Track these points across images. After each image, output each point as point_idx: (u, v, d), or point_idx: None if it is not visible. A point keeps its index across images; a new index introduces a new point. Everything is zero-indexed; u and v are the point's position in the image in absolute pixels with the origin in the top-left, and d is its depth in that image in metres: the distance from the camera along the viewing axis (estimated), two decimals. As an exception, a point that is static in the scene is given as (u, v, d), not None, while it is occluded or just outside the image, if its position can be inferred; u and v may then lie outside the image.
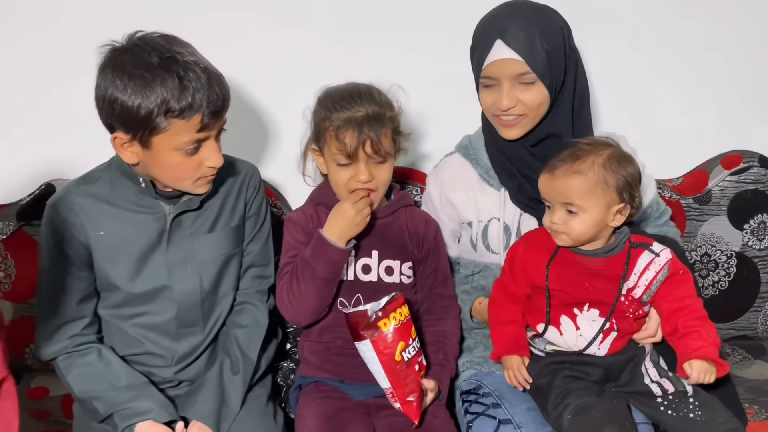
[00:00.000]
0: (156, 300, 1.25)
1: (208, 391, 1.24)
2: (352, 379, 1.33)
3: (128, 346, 1.26)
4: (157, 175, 1.18)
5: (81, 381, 1.19)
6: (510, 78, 1.28)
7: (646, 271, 1.22)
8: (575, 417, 1.17)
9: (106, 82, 1.10)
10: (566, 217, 1.20)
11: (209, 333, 1.30)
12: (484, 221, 1.41)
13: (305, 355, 1.40)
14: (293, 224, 1.37)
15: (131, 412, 1.16)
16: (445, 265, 1.44)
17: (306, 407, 1.31)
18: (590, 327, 1.24)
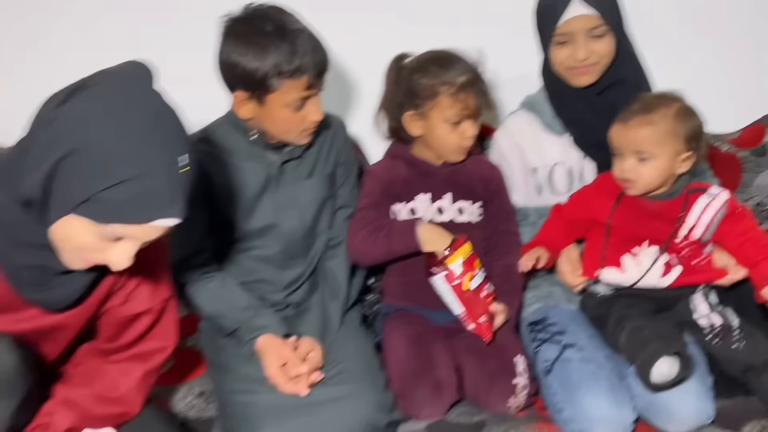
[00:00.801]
0: (265, 236, 1.45)
1: (313, 313, 1.45)
2: (431, 307, 1.51)
3: (243, 275, 1.46)
4: (267, 128, 1.36)
5: (208, 303, 1.40)
6: (584, 32, 1.42)
7: (704, 213, 1.36)
8: (630, 336, 1.33)
9: (228, 48, 1.29)
10: (637, 164, 1.33)
11: (309, 264, 1.50)
12: (549, 166, 1.56)
13: (390, 288, 1.59)
14: (373, 176, 1.56)
15: (253, 326, 1.37)
16: (508, 205, 1.60)
17: (393, 331, 1.50)
18: (650, 261, 1.39)
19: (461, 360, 1.46)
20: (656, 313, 1.42)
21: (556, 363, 1.43)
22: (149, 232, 0.92)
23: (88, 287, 1.05)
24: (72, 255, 0.95)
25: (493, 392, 1.38)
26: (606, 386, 1.34)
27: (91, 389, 1.11)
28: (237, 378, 1.35)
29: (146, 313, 1.14)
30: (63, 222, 0.90)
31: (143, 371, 1.16)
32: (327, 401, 1.30)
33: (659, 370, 1.25)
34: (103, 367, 1.14)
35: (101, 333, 1.15)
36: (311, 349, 1.38)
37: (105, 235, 0.90)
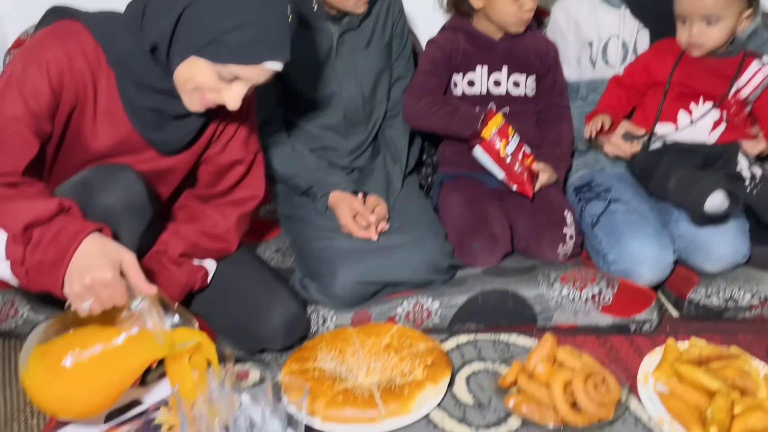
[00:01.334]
0: (329, 105, 1.57)
1: (377, 174, 1.59)
2: (486, 171, 1.63)
3: (310, 143, 1.60)
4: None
5: (283, 165, 1.55)
6: None
7: (755, 76, 1.46)
8: (679, 181, 1.45)
9: None
10: (705, 28, 1.41)
11: (371, 132, 1.63)
12: (603, 39, 1.63)
13: (446, 157, 1.71)
14: (435, 45, 1.65)
15: (325, 184, 1.52)
16: (561, 80, 1.70)
17: (450, 194, 1.64)
18: (702, 117, 1.48)
19: (513, 217, 1.59)
20: (701, 167, 1.52)
21: (602, 216, 1.56)
22: (260, 74, 1.08)
23: (196, 133, 1.20)
24: (192, 96, 1.10)
25: (544, 241, 1.52)
26: (649, 231, 1.48)
27: (196, 226, 1.28)
28: (314, 228, 1.51)
29: (239, 163, 1.29)
30: (187, 63, 1.06)
31: (238, 214, 1.32)
32: (395, 246, 1.46)
33: (713, 201, 1.37)
34: (204, 209, 1.30)
35: (201, 180, 1.31)
36: (378, 204, 1.52)
37: (223, 75, 1.06)
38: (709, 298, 1.44)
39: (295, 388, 1.06)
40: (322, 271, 1.42)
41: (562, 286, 1.43)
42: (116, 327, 1.01)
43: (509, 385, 1.22)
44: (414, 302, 1.43)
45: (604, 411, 1.13)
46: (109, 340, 1.01)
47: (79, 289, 0.94)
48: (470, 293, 1.43)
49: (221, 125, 1.25)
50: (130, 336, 1.01)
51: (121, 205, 1.08)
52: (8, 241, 0.97)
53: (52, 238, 0.96)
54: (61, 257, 0.95)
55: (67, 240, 0.95)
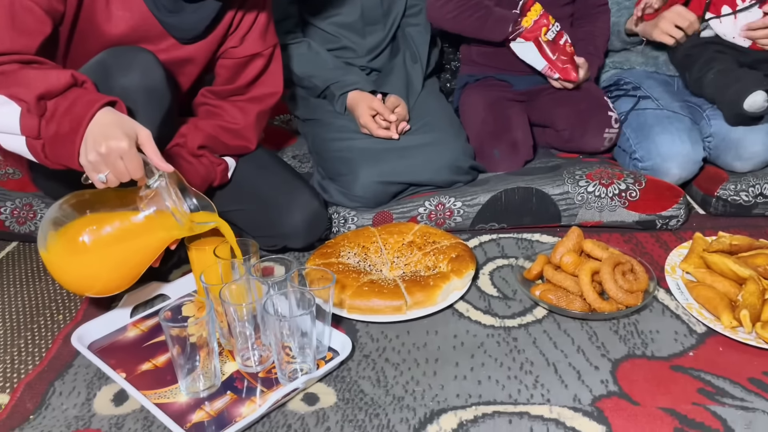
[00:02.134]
0: (345, 2, 1.50)
1: (397, 73, 1.53)
2: (515, 71, 1.59)
3: (327, 43, 1.54)
4: None
5: (299, 65, 1.50)
6: None
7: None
8: (718, 75, 1.40)
9: None
10: None
11: (389, 30, 1.56)
12: None
13: (473, 58, 1.64)
14: None
15: (344, 83, 1.47)
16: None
17: (473, 95, 1.59)
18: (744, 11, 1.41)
19: (550, 111, 1.55)
20: (742, 66, 1.46)
21: (631, 113, 1.52)
22: None
23: (212, 21, 1.15)
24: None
25: (591, 125, 1.48)
26: (680, 126, 1.43)
27: (215, 121, 1.25)
28: (333, 129, 1.48)
29: (258, 57, 1.25)
30: None
31: (258, 110, 1.28)
32: (416, 146, 1.42)
33: (753, 100, 1.33)
34: (222, 104, 1.27)
35: (219, 76, 1.27)
36: (398, 104, 1.48)
37: None
38: (738, 194, 1.41)
39: (321, 277, 1.05)
40: (343, 171, 1.40)
41: (588, 183, 1.40)
42: (133, 206, 1.00)
43: (534, 277, 1.21)
44: (436, 202, 1.40)
45: (633, 299, 1.11)
46: (127, 218, 1.00)
47: (95, 158, 0.92)
48: (493, 191, 1.41)
49: (238, 15, 1.20)
50: (148, 215, 1.00)
51: (139, 86, 1.05)
52: (22, 114, 0.94)
53: (66, 109, 0.93)
54: (76, 127, 0.92)
55: (82, 109, 0.93)
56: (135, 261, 1.03)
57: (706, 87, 1.43)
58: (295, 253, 1.34)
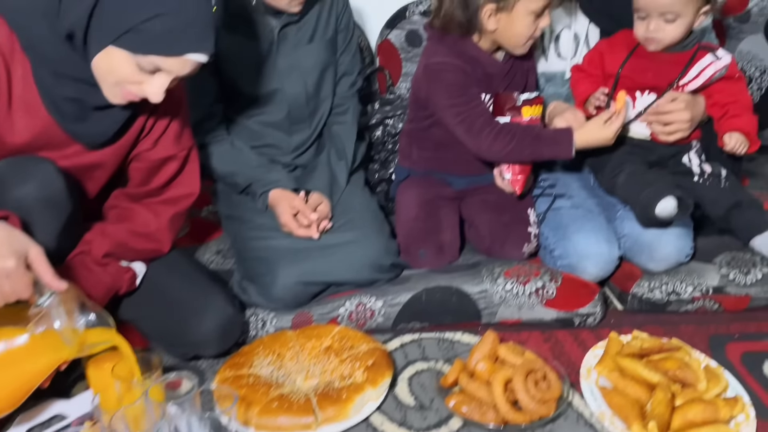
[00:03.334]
0: (271, 102, 1.51)
1: (321, 171, 1.54)
2: (457, 173, 1.60)
3: (252, 140, 1.54)
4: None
5: (221, 164, 1.49)
6: None
7: (706, 69, 1.44)
8: (629, 178, 1.45)
9: None
10: (663, 25, 1.39)
11: (315, 128, 1.58)
12: (556, 31, 1.60)
13: (414, 158, 1.62)
14: (450, 66, 1.44)
15: (265, 181, 1.47)
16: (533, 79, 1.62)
17: (410, 189, 1.59)
18: (644, 106, 1.48)
19: (475, 215, 1.57)
20: (653, 164, 1.53)
21: (548, 213, 1.55)
22: (182, 66, 1.02)
23: (121, 127, 1.14)
24: (112, 88, 1.04)
25: (509, 240, 1.50)
26: (595, 226, 1.47)
27: (125, 225, 1.22)
28: (253, 227, 1.46)
29: (172, 159, 1.24)
30: (104, 54, 0.99)
31: (172, 213, 1.26)
32: (337, 244, 1.42)
33: (664, 206, 1.36)
34: (135, 208, 1.24)
35: (132, 178, 1.25)
36: (320, 201, 1.48)
37: (143, 66, 1.00)
38: (652, 291, 1.44)
39: (226, 396, 1.01)
40: (262, 271, 1.38)
41: (506, 280, 1.41)
42: (22, 325, 0.95)
43: (451, 385, 1.20)
44: (357, 302, 1.39)
45: (545, 408, 1.11)
46: (12, 338, 0.94)
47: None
48: (414, 291, 1.41)
49: (151, 119, 1.19)
50: (35, 335, 0.95)
51: (36, 198, 1.02)
52: None
53: None
54: None
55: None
56: (17, 385, 0.97)
57: (618, 189, 1.48)
58: (209, 360, 1.29)
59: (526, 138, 1.42)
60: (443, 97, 1.45)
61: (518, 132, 1.42)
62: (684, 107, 1.45)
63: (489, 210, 1.56)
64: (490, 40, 1.46)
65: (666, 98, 1.46)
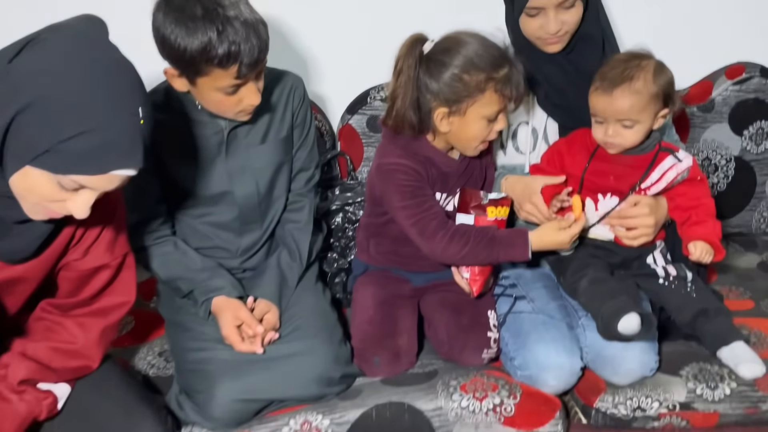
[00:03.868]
0: (220, 203, 1.44)
1: (270, 274, 1.46)
2: (414, 269, 1.53)
3: (199, 241, 1.47)
4: (203, 104, 1.33)
5: (164, 267, 1.42)
6: (554, 5, 1.39)
7: (667, 173, 1.41)
8: (591, 285, 1.39)
9: (158, 21, 1.20)
10: (621, 130, 1.35)
11: (267, 229, 1.51)
12: (513, 125, 1.57)
13: (371, 252, 1.56)
14: (402, 168, 1.39)
15: (208, 288, 1.39)
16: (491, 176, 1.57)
17: (367, 286, 1.52)
18: (606, 210, 1.43)
19: (433, 315, 1.50)
20: (617, 268, 1.48)
21: (509, 315, 1.48)
22: (107, 182, 0.95)
23: (46, 238, 1.07)
24: (33, 206, 0.97)
25: (468, 346, 1.43)
26: (556, 335, 1.40)
27: (49, 342, 1.13)
28: (194, 336, 1.38)
29: (105, 268, 1.16)
30: (22, 173, 0.92)
31: (102, 326, 1.18)
32: (283, 357, 1.34)
33: (626, 323, 1.30)
34: (62, 321, 1.16)
35: (61, 288, 1.17)
36: (267, 310, 1.40)
37: (64, 185, 0.93)
38: (617, 407, 1.36)
39: None
40: (199, 387, 1.29)
41: (462, 396, 1.33)
42: None
43: None
44: (302, 420, 1.30)
45: None
46: None
47: None
48: (363, 407, 1.32)
49: (81, 228, 1.12)
50: None
51: None
52: None
53: None
54: None
55: None
56: None
57: (580, 296, 1.42)
58: (136, 491, 1.18)
59: (482, 241, 1.37)
60: (396, 199, 1.41)
61: (473, 235, 1.37)
62: (648, 212, 1.41)
63: (448, 310, 1.49)
64: (444, 140, 1.43)
65: (628, 202, 1.42)
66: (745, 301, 1.62)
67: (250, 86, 1.27)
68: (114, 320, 1.21)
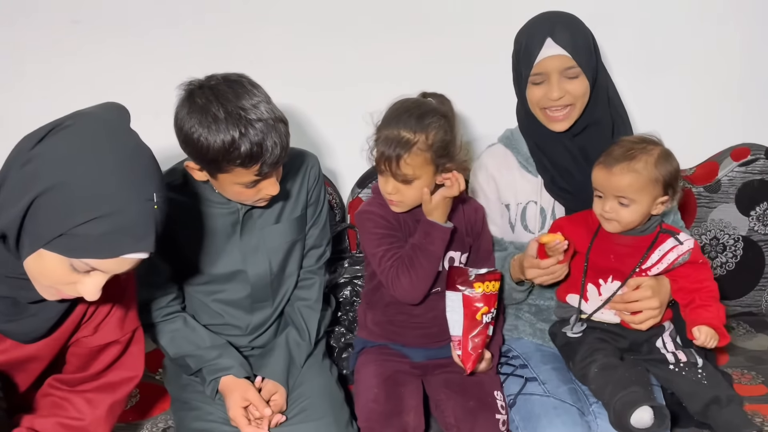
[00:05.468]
0: (233, 281, 1.45)
1: (278, 353, 1.45)
2: (412, 345, 1.53)
3: (210, 318, 1.47)
4: (221, 193, 1.36)
5: (172, 343, 1.41)
6: (558, 72, 1.45)
7: (668, 254, 1.42)
8: (601, 371, 1.37)
9: (181, 118, 1.23)
10: (618, 207, 1.38)
11: (277, 307, 1.51)
12: (522, 203, 1.59)
13: (368, 324, 1.57)
14: (373, 215, 1.46)
15: (216, 367, 1.38)
16: (488, 244, 1.59)
17: (368, 365, 1.51)
18: (609, 294, 1.43)
19: (439, 395, 1.47)
20: (626, 351, 1.46)
21: (519, 396, 1.47)
22: (120, 265, 0.97)
23: (59, 317, 1.07)
24: (45, 288, 0.99)
25: (478, 427, 1.40)
26: (567, 420, 1.37)
27: (57, 418, 1.13)
28: (200, 416, 1.36)
29: (114, 344, 1.17)
30: (37, 255, 0.94)
31: (110, 402, 1.18)
32: (289, 441, 1.31)
33: (639, 416, 1.28)
34: (69, 397, 1.16)
35: (69, 363, 1.17)
36: (275, 391, 1.39)
37: (76, 267, 0.95)
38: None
39: None
40: (203, 473, 1.26)
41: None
42: None
43: None
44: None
45: None
46: None
47: None
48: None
49: (92, 306, 1.13)
50: None
51: None
52: None
53: None
54: None
55: None
56: None
57: (591, 382, 1.40)
58: None
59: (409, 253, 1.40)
60: (368, 246, 1.46)
61: (404, 255, 1.41)
62: (650, 294, 1.41)
63: (454, 392, 1.47)
64: None
65: (630, 286, 1.42)
66: (757, 386, 1.60)
67: (271, 179, 1.29)
68: (122, 395, 1.21)
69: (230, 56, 1.81)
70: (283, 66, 1.85)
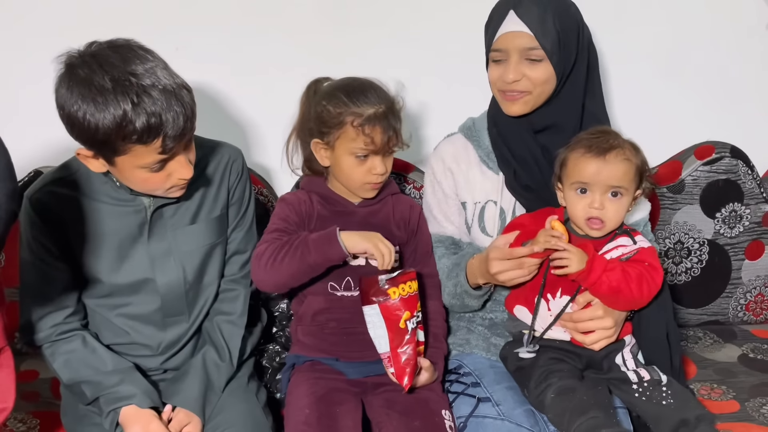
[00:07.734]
0: (140, 292, 1.26)
1: (194, 377, 1.26)
2: (347, 358, 1.37)
3: (114, 336, 1.28)
4: (126, 184, 1.17)
5: (67, 367, 1.22)
6: (518, 51, 1.31)
7: (613, 250, 1.28)
8: (558, 396, 1.22)
9: (62, 97, 1.05)
10: (606, 201, 1.24)
11: (194, 322, 1.32)
12: (480, 203, 1.44)
13: (299, 338, 1.42)
14: (287, 204, 1.39)
15: (116, 396, 1.19)
16: (425, 244, 1.47)
17: (300, 385, 1.34)
18: (559, 310, 1.30)
19: (381, 416, 1.31)
20: (585, 369, 1.32)
21: (470, 419, 1.31)
22: None
23: None
24: None
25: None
26: (522, 447, 1.22)
27: None
28: (96, 455, 1.16)
29: None
30: None
31: None
32: (203, 478, 1.12)
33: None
34: None
35: None
36: (187, 422, 1.21)
37: None
38: None
39: None
40: None
41: None
42: None
43: None
44: None
45: None
46: None
47: None
48: None
49: None
50: None
51: None
52: None
53: None
54: None
55: None
56: None
57: (548, 410, 1.25)
58: None
59: (292, 244, 1.29)
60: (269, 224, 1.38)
61: (287, 241, 1.31)
62: (602, 314, 1.27)
63: (396, 412, 1.30)
64: (334, 177, 1.39)
65: (579, 303, 1.29)
66: (728, 402, 1.48)
67: (179, 159, 1.13)
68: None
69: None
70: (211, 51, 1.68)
